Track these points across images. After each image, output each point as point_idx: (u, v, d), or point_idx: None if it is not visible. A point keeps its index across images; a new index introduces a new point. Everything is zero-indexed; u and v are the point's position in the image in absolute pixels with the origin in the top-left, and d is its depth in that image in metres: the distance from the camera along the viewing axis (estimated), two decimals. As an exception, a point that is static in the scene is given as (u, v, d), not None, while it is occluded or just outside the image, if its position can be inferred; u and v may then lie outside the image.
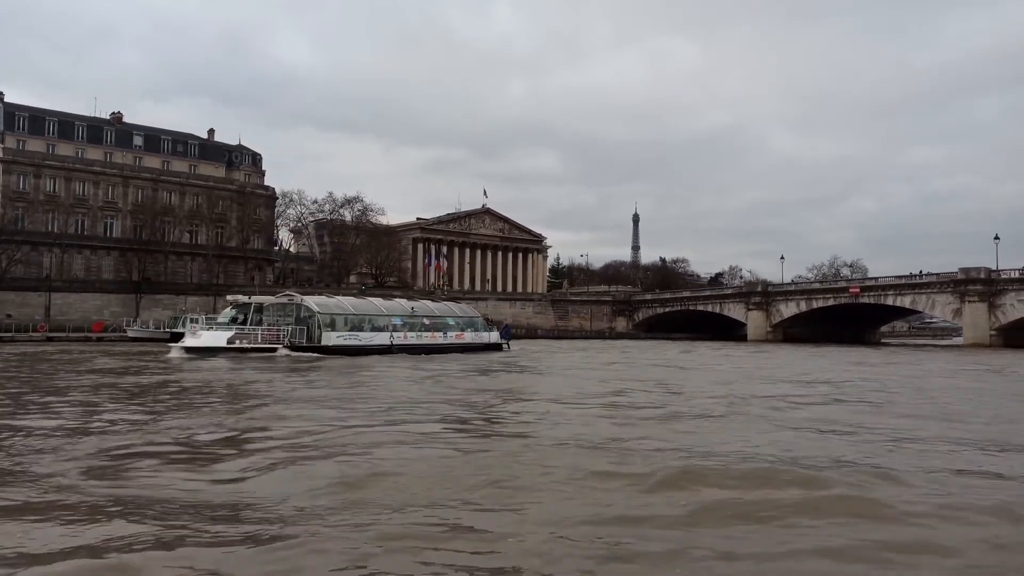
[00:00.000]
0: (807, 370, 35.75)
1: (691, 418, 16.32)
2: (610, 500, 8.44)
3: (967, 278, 76.81)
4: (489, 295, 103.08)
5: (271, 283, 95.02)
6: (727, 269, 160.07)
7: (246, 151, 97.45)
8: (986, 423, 16.13)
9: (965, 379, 30.85)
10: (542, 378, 29.98)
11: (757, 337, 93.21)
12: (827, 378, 30.03)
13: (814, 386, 25.95)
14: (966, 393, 23.80)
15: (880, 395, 22.50)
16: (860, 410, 18.35)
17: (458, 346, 49.14)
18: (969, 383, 28.40)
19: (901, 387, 25.79)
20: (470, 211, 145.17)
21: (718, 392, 22.85)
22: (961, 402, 20.89)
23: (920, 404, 20.19)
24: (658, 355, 51.54)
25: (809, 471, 10.04)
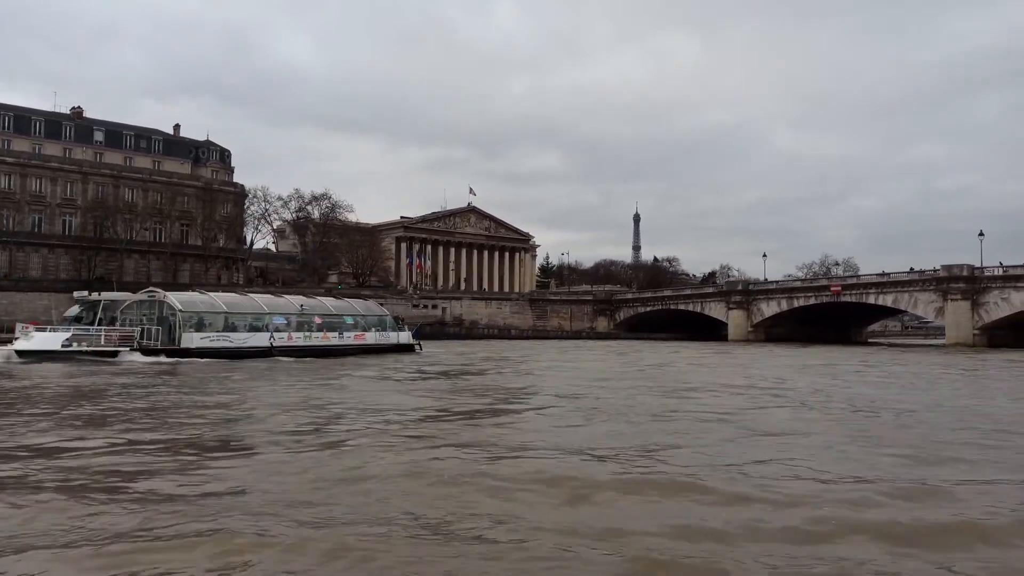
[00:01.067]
0: (752, 374, 33.35)
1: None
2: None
3: (949, 276, 74.19)
4: (463, 294, 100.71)
5: (241, 283, 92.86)
6: (718, 268, 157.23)
7: (214, 147, 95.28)
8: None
9: (900, 387, 28.45)
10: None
11: (738, 337, 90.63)
12: (759, 383, 27.58)
13: (717, 395, 23.55)
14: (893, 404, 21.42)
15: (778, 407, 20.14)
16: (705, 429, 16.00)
17: (357, 348, 45.17)
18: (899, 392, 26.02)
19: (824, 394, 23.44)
20: (455, 210, 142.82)
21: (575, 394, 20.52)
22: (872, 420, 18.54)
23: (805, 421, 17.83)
24: (607, 357, 49.24)
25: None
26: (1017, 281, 70.96)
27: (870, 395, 22.98)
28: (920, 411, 18.53)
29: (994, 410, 19.19)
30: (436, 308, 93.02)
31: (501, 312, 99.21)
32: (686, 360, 44.63)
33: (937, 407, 19.76)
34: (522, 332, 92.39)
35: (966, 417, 17.58)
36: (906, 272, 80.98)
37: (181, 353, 37.40)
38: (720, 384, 26.46)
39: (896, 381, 29.27)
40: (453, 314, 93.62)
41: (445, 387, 25.08)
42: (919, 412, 18.38)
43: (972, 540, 7.60)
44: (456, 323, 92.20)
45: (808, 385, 26.24)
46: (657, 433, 14.50)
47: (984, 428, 15.66)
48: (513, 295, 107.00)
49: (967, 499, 9.24)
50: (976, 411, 18.82)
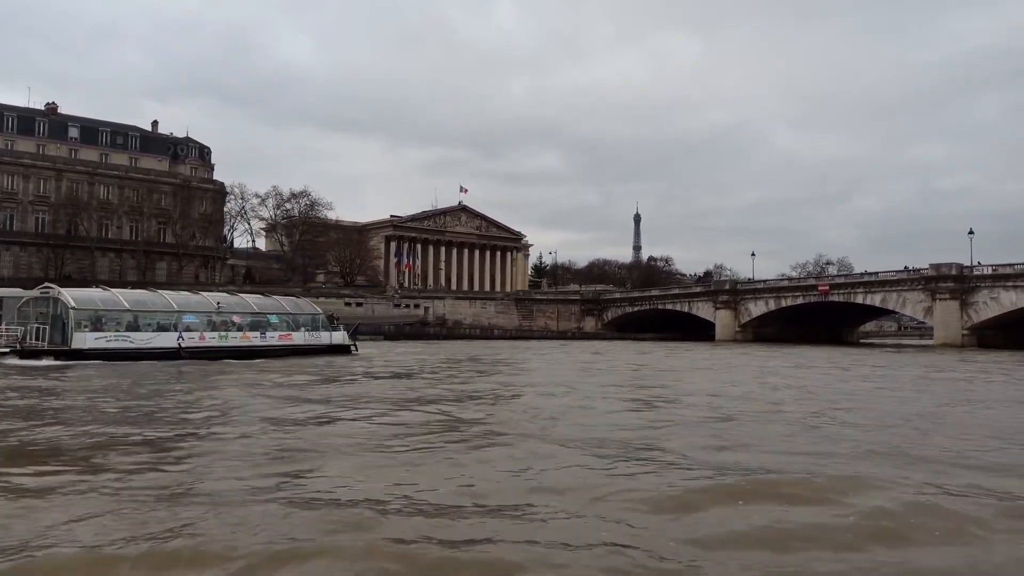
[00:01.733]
0: (720, 378, 31.77)
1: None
2: None
3: (938, 275, 72.50)
4: (446, 294, 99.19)
5: (222, 282, 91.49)
6: (713, 267, 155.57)
7: (193, 144, 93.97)
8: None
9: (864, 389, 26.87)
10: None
11: (725, 337, 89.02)
12: (714, 389, 25.95)
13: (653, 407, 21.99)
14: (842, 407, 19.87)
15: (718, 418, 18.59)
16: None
17: (282, 349, 41.62)
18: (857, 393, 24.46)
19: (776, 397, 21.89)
20: (445, 208, 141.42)
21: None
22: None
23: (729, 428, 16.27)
24: (573, 358, 47.76)
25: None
26: (1006, 280, 69.29)
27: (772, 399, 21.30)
28: (800, 417, 16.88)
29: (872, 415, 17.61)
30: (418, 308, 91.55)
31: (486, 312, 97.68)
32: (648, 361, 43.12)
33: (834, 409, 18.20)
34: (506, 332, 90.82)
35: (846, 420, 16.08)
36: (895, 271, 79.33)
37: (72, 355, 34.15)
38: (637, 387, 24.95)
39: (843, 384, 27.69)
40: (436, 314, 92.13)
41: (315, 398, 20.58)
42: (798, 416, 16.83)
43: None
44: (439, 323, 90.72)
45: (740, 390, 24.46)
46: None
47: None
48: (498, 294, 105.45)
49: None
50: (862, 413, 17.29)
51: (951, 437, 13.87)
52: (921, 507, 8.23)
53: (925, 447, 12.66)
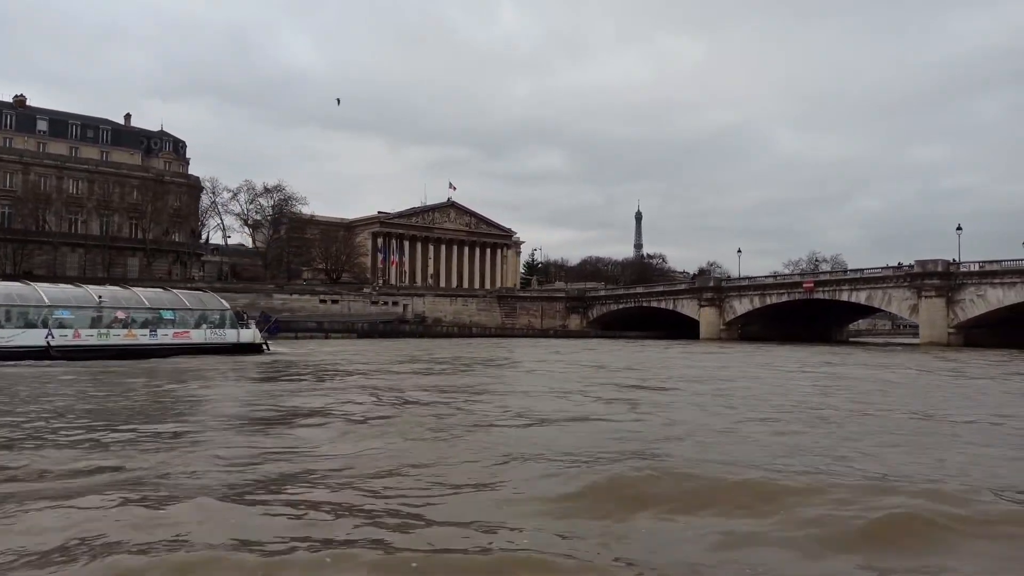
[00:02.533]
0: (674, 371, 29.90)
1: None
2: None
3: (924, 272, 70.54)
4: (426, 291, 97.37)
5: (197, 279, 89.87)
6: (706, 265, 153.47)
7: (167, 137, 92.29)
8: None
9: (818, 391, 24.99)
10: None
11: (710, 336, 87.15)
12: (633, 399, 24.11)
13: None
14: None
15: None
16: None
17: (176, 348, 37.57)
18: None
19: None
20: (434, 205, 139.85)
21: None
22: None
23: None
24: (536, 356, 45.96)
25: None
26: (993, 277, 67.32)
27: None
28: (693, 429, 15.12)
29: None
30: (397, 305, 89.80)
31: (467, 309, 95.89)
32: (604, 360, 41.26)
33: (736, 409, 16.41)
34: (486, 330, 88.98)
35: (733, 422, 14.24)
36: (880, 268, 77.39)
37: None
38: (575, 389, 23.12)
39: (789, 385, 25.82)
40: (415, 311, 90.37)
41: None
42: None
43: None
44: (419, 320, 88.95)
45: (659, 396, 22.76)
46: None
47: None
48: (480, 292, 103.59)
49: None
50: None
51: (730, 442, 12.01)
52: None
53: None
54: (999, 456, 11.42)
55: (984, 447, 12.31)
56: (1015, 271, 65.97)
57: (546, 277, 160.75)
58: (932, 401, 20.42)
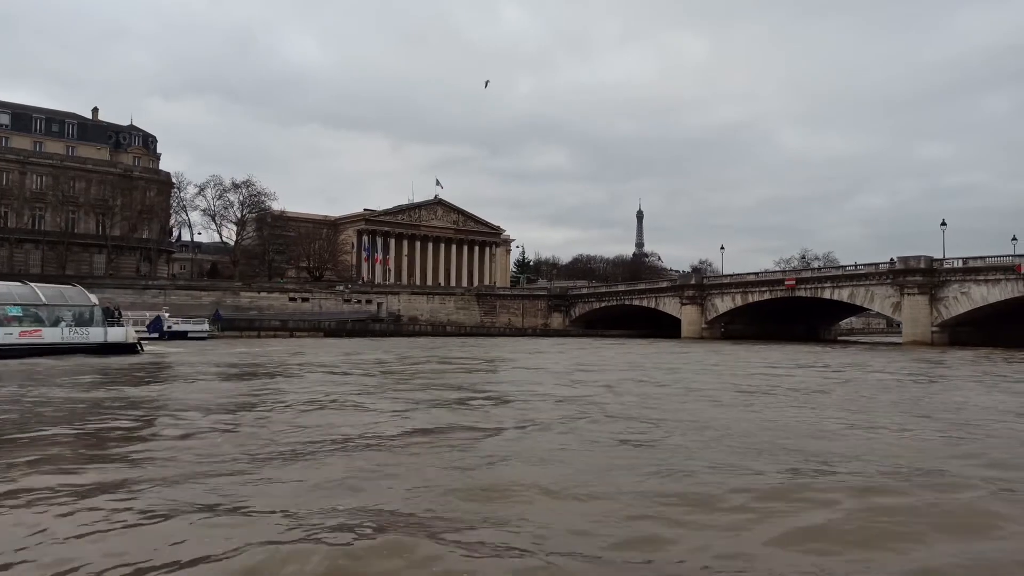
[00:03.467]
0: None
1: None
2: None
3: (906, 268, 68.06)
4: (401, 289, 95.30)
5: (169, 276, 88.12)
6: (699, 263, 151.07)
7: (137, 132, 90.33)
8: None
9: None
10: None
11: (691, 334, 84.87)
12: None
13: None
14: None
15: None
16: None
17: (22, 348, 33.36)
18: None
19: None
20: (421, 202, 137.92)
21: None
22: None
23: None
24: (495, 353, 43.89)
25: None
26: (977, 274, 64.84)
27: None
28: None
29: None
30: (371, 303, 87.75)
31: (444, 308, 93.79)
32: (553, 362, 39.14)
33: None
34: (461, 329, 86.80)
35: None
36: (863, 264, 74.90)
37: None
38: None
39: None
40: (390, 310, 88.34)
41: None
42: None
43: None
44: (394, 319, 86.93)
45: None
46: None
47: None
48: (458, 290, 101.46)
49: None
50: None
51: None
52: None
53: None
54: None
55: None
56: (999, 268, 63.51)
57: (537, 275, 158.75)
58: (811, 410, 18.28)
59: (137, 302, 68.23)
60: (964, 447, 12.54)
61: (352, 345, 53.91)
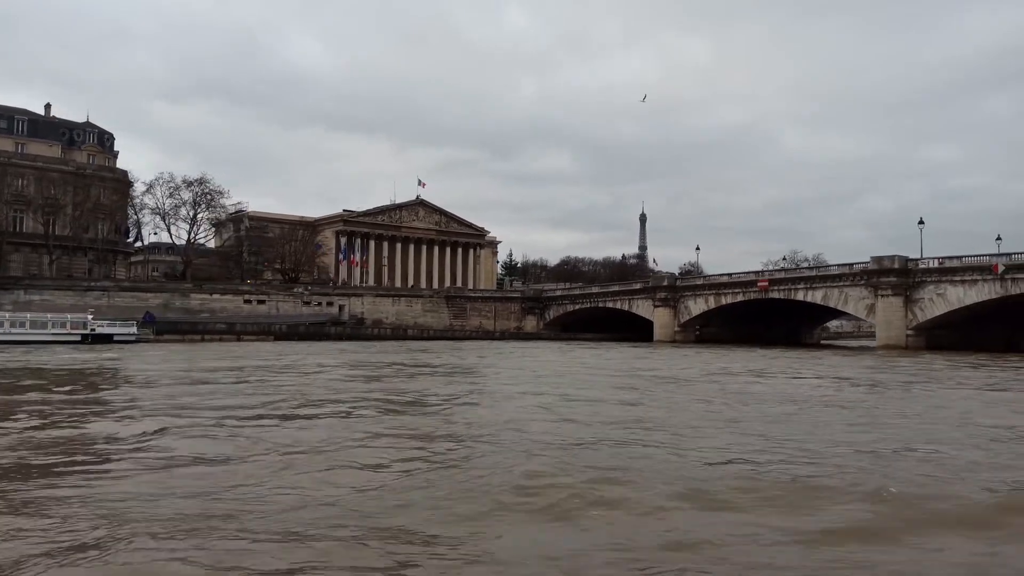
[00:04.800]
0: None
1: None
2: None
3: (880, 268, 64.65)
4: (365, 291, 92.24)
5: (125, 278, 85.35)
6: (687, 264, 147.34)
7: (92, 129, 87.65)
8: None
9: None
10: None
11: (664, 338, 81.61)
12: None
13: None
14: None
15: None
16: None
17: None
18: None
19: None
20: (402, 203, 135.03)
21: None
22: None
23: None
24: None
25: None
26: (953, 275, 61.41)
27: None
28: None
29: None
30: (332, 306, 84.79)
31: (411, 310, 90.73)
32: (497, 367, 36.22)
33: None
34: (425, 332, 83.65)
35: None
36: (837, 265, 71.61)
37: None
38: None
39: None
40: (352, 312, 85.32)
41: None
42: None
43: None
44: (357, 322, 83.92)
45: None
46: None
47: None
48: (426, 291, 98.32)
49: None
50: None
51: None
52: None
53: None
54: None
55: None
56: (976, 268, 60.09)
57: (525, 278, 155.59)
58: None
59: (78, 304, 65.50)
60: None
61: (295, 351, 50.87)
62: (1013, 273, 57.70)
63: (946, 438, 14.39)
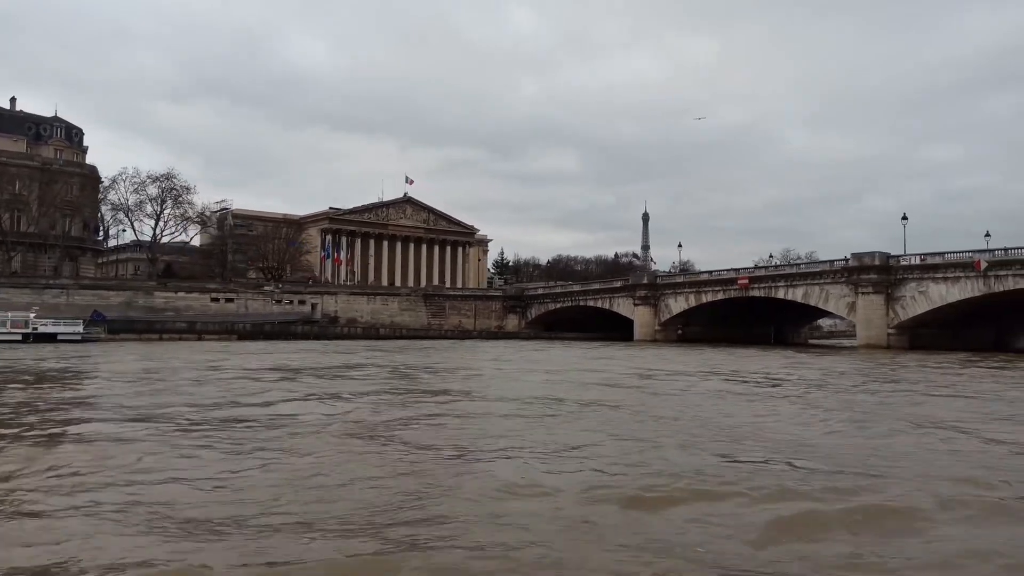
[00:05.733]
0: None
1: None
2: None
3: (860, 265, 62.25)
4: (339, 289, 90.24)
5: (94, 276, 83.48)
6: (679, 262, 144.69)
7: (59, 124, 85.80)
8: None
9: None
10: None
11: (644, 337, 79.28)
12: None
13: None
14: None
15: None
16: None
17: None
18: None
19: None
20: (389, 201, 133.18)
21: None
22: None
23: None
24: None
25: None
26: (935, 272, 58.93)
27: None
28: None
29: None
30: (304, 304, 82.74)
31: (387, 309, 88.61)
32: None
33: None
34: (397, 331, 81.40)
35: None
36: (818, 262, 69.20)
37: None
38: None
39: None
40: (325, 311, 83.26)
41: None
42: None
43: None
44: (329, 321, 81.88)
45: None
46: None
47: None
48: (403, 290, 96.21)
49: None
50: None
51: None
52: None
53: None
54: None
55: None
56: (958, 264, 57.64)
57: (517, 277, 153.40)
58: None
59: (35, 302, 63.60)
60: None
61: (245, 351, 48.79)
62: (996, 270, 55.24)
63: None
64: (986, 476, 10.49)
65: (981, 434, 14.58)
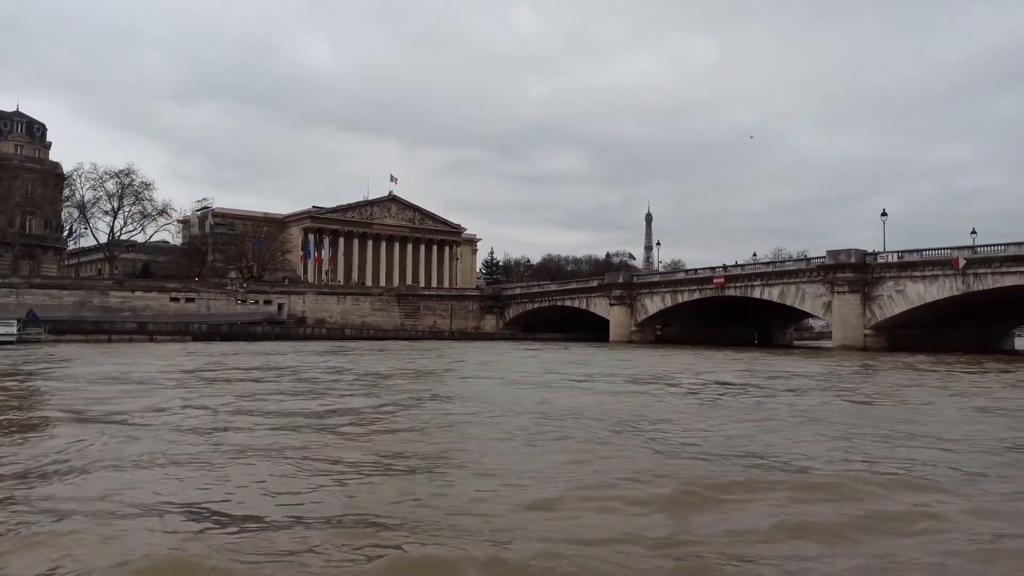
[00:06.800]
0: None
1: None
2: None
3: (836, 263, 59.44)
4: (307, 288, 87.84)
5: (56, 276, 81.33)
6: (668, 262, 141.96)
7: (19, 118, 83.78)
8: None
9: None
10: None
11: (620, 338, 76.62)
12: None
13: None
14: None
15: None
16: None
17: None
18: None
19: None
20: (373, 199, 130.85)
21: None
22: None
23: None
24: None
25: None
26: (913, 270, 56.17)
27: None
28: None
29: None
30: (270, 304, 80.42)
31: (359, 309, 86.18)
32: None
33: None
34: (365, 332, 78.90)
35: None
36: (794, 260, 66.46)
37: None
38: None
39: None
40: (292, 311, 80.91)
41: None
42: None
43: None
44: (296, 321, 79.56)
45: None
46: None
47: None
48: (376, 290, 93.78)
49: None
50: None
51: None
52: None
53: None
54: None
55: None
56: (936, 262, 54.88)
57: (507, 277, 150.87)
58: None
59: (-18, 302, 61.55)
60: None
61: (186, 354, 46.44)
62: (975, 268, 52.47)
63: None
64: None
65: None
